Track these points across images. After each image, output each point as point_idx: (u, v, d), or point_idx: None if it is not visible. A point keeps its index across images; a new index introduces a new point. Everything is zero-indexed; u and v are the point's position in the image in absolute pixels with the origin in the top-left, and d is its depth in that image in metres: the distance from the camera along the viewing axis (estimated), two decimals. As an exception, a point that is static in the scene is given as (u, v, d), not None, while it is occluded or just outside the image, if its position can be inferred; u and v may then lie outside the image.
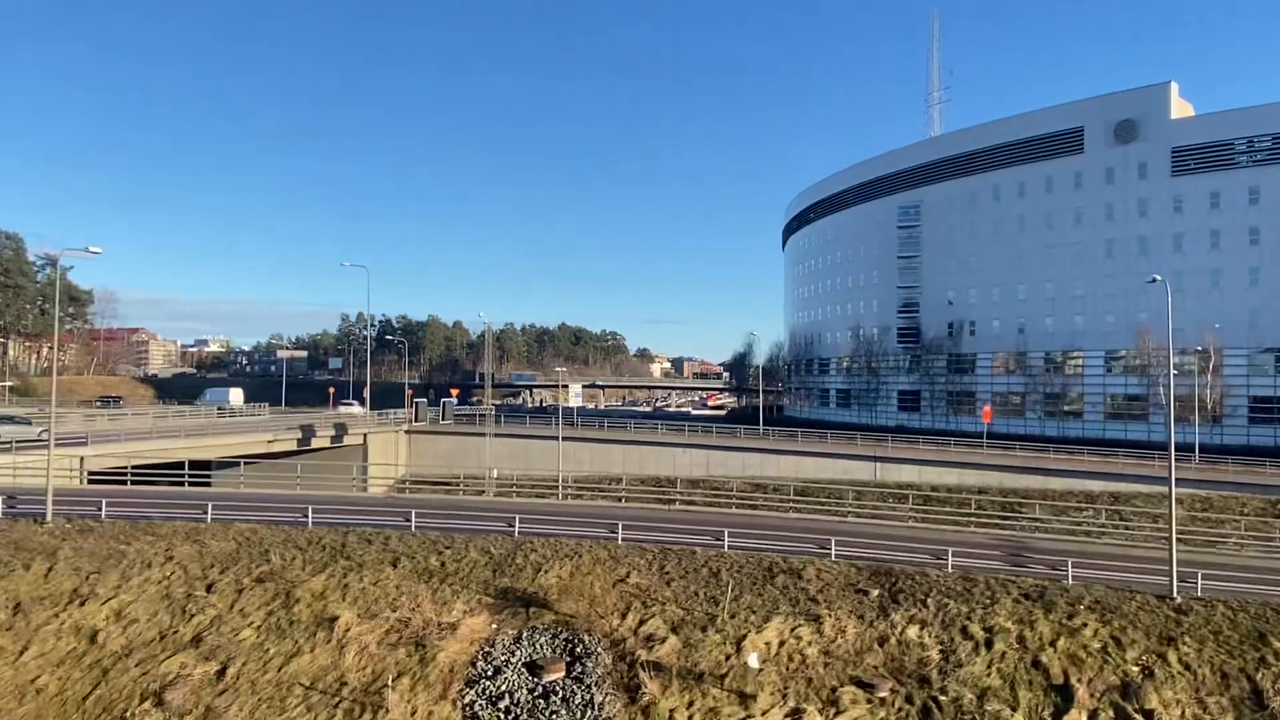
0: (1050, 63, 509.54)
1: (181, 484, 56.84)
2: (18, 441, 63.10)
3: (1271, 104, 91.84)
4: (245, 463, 65.30)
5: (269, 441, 70.59)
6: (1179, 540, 39.57)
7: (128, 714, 28.62)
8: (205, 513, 43.11)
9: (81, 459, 57.09)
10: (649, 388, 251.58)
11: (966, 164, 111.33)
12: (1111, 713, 28.51)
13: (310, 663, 31.02)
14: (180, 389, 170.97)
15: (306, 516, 42.84)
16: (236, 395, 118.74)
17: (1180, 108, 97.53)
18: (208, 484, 58.81)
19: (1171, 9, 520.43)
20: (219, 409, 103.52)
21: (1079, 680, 29.63)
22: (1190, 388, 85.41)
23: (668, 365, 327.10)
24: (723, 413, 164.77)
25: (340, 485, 66.76)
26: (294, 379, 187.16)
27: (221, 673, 30.34)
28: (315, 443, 72.79)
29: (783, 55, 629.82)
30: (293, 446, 71.01)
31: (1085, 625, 32.25)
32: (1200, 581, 36.18)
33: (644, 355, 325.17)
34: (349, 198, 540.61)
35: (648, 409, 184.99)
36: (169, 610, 33.43)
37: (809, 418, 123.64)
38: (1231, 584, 37.73)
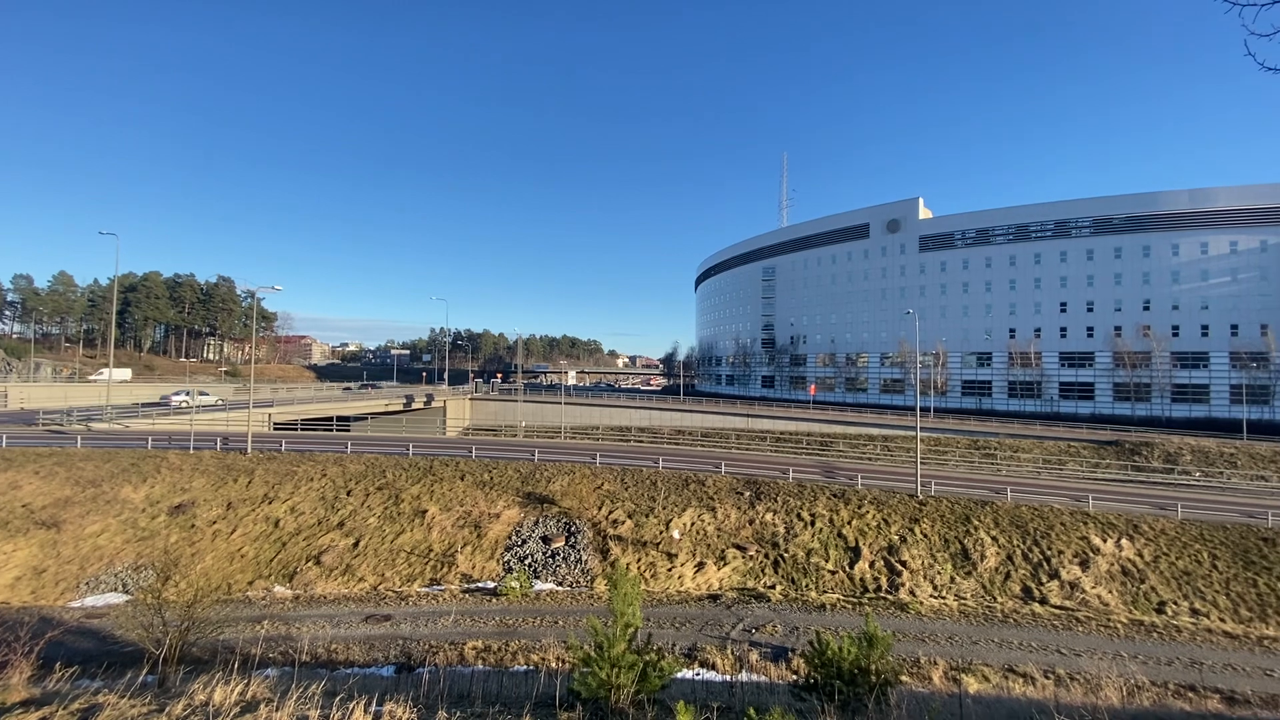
0: (852, 182, 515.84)
1: (331, 430, 57.95)
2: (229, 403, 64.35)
3: (971, 213, 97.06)
4: (371, 417, 66.18)
5: (385, 405, 71.19)
6: (922, 462, 41.50)
7: (297, 570, 29.97)
8: (346, 448, 44.09)
9: (269, 415, 57.76)
10: (615, 373, 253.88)
11: (803, 243, 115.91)
12: (882, 562, 30.52)
13: (410, 537, 32.49)
14: (331, 374, 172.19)
15: (408, 450, 43.85)
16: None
17: (924, 212, 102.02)
18: (347, 430, 59.79)
19: (927, 152, 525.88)
20: (346, 388, 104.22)
21: (864, 544, 31.53)
22: (928, 374, 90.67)
23: (627, 359, 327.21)
24: (659, 388, 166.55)
25: (429, 431, 67.67)
26: (401, 367, 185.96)
27: (356, 544, 31.74)
28: (414, 406, 73.35)
29: (688, 176, 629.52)
30: (399, 408, 71.67)
31: (868, 512, 33.76)
32: (933, 486, 37.85)
33: (613, 353, 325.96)
34: (432, 247, 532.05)
35: (615, 387, 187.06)
36: (323, 506, 34.62)
37: (711, 391, 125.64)
38: (950, 487, 39.20)
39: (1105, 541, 30.57)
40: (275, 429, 56.36)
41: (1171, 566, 29.10)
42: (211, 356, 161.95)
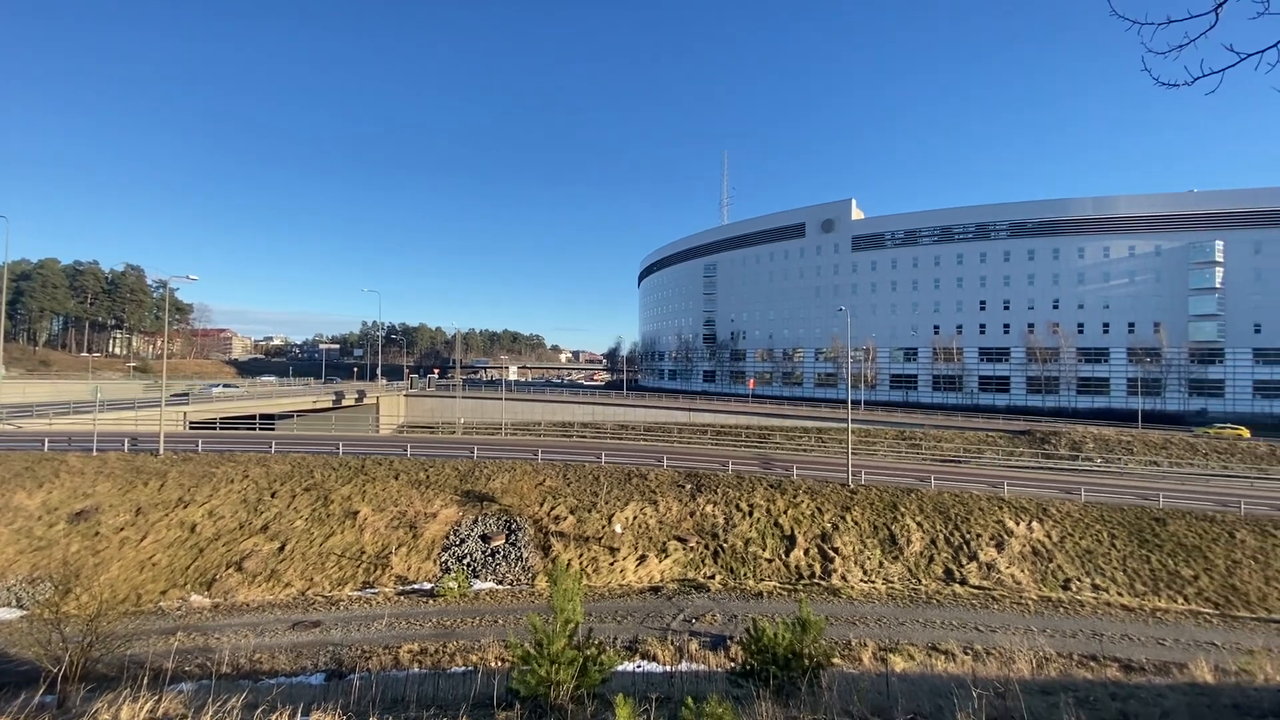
0: (791, 181, 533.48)
1: (254, 429, 54.88)
2: (138, 401, 59.55)
3: (900, 214, 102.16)
4: (297, 415, 63.06)
5: (313, 401, 67.92)
6: (853, 453, 43.23)
7: (217, 577, 28.30)
8: (270, 447, 41.98)
9: (184, 413, 53.98)
10: (558, 369, 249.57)
11: (743, 241, 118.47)
12: (816, 549, 31.67)
13: (341, 539, 31.23)
14: (254, 369, 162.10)
15: (338, 449, 42.27)
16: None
17: (856, 213, 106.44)
18: (272, 429, 56.77)
19: (862, 155, 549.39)
20: (276, 382, 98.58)
21: (799, 532, 32.62)
22: (859, 368, 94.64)
23: (570, 354, 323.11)
24: (603, 383, 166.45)
25: (361, 429, 65.05)
26: (330, 363, 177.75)
27: (282, 548, 30.25)
28: (345, 403, 70.26)
29: (631, 172, 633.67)
30: (329, 405, 68.50)
31: (803, 501, 34.87)
32: (863, 476, 39.54)
33: (556, 349, 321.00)
34: (374, 238, 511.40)
35: (558, 382, 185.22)
36: (245, 509, 32.78)
37: (654, 386, 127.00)
38: (879, 476, 40.88)
39: (1018, 524, 32.75)
40: (191, 428, 52.88)
41: (1076, 546, 31.49)
42: (119, 351, 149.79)
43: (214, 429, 52.47)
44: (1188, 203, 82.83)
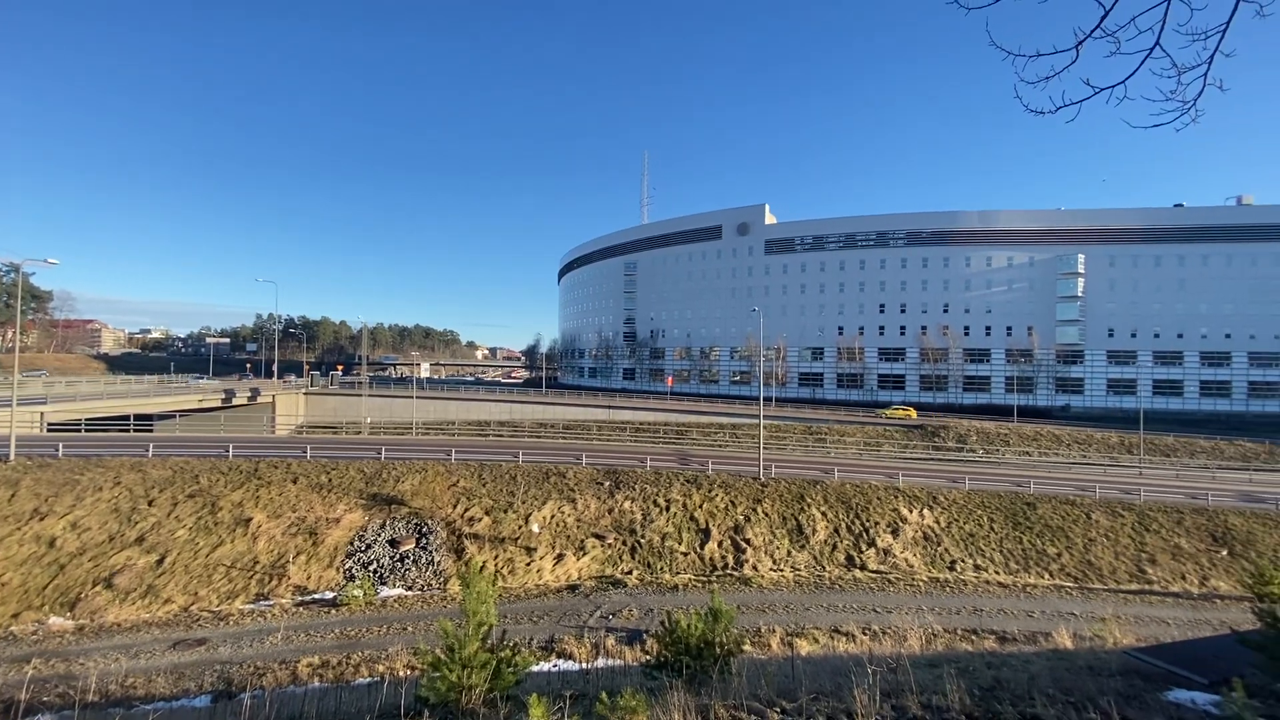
0: (709, 181, 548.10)
1: (128, 431, 49.62)
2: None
3: (809, 220, 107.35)
4: (180, 415, 57.55)
5: (199, 400, 62.17)
6: (764, 448, 45.02)
7: (82, 596, 25.46)
8: (147, 450, 38.12)
9: (42, 414, 47.82)
10: (474, 366, 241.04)
11: (663, 241, 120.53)
12: (729, 541, 32.66)
13: (231, 549, 28.94)
14: (127, 365, 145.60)
15: (228, 451, 38.98)
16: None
17: (769, 217, 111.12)
18: (150, 430, 51.54)
19: (779, 158, 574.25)
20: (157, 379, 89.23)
21: (714, 525, 33.49)
22: (771, 367, 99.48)
23: (487, 351, 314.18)
24: (521, 381, 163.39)
25: (254, 430, 60.33)
26: (219, 358, 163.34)
27: (161, 561, 27.61)
28: (236, 401, 64.75)
29: (560, 168, 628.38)
30: (218, 404, 62.94)
31: (717, 495, 35.80)
32: (774, 469, 41.03)
33: (472, 345, 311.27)
34: (268, 224, 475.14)
35: (474, 380, 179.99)
36: (117, 520, 29.61)
37: (574, 384, 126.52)
38: (788, 469, 42.55)
39: (911, 512, 35.26)
40: (51, 430, 47.11)
41: (961, 530, 34.31)
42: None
43: (79, 431, 47.02)
44: (1056, 219, 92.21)
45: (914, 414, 73.96)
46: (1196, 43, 4.02)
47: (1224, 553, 33.13)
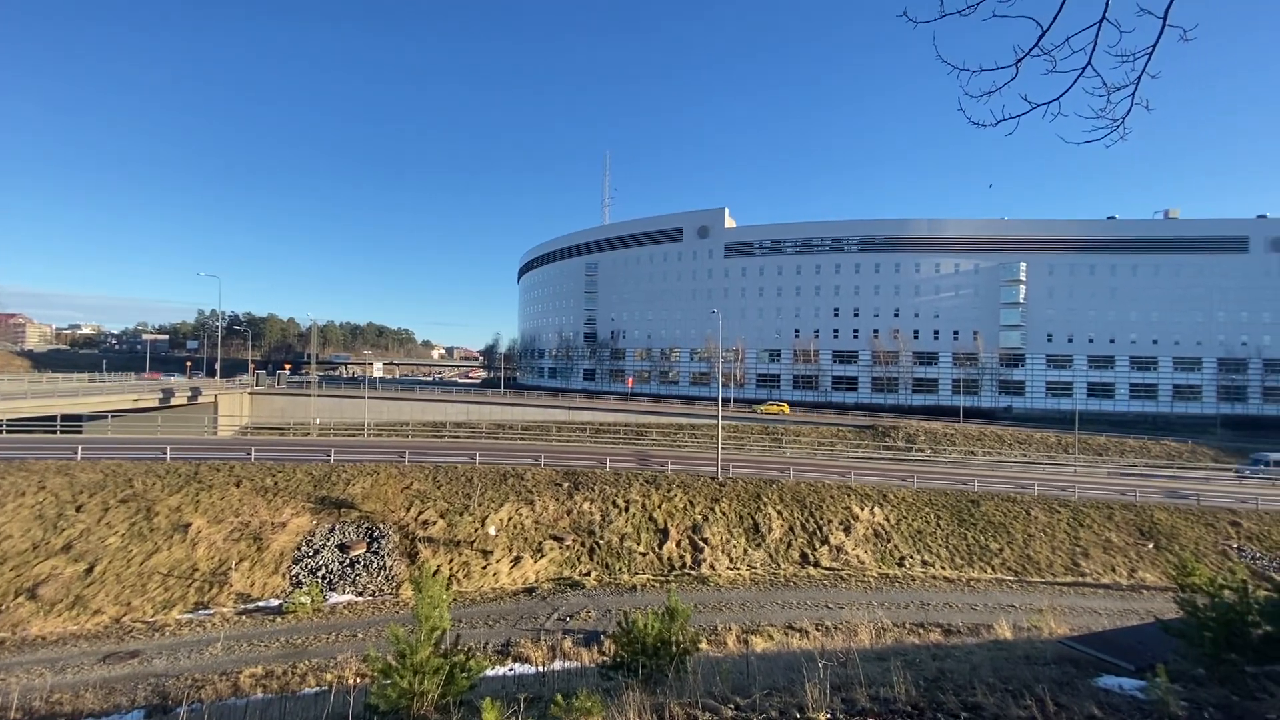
0: (671, 183, 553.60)
1: (55, 433, 46.66)
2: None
3: (767, 225, 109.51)
4: (113, 415, 54.43)
5: (134, 400, 58.92)
6: (723, 448, 45.49)
7: (2, 608, 23.84)
8: (76, 453, 35.88)
9: (-49, 416, 44.52)
10: (430, 365, 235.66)
11: (624, 242, 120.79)
12: (687, 540, 32.89)
13: (168, 557, 27.57)
14: (55, 362, 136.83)
15: (165, 453, 37.09)
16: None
17: (729, 221, 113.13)
18: (79, 432, 48.59)
19: (739, 162, 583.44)
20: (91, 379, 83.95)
21: (672, 525, 33.67)
22: (730, 368, 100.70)
23: (444, 351, 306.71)
24: (479, 381, 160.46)
25: (195, 431, 57.47)
26: (157, 356, 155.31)
27: (90, 570, 26.10)
28: (175, 401, 61.61)
29: (521, 165, 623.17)
30: (154, 403, 59.74)
31: (676, 495, 35.98)
32: (731, 469, 41.59)
33: (427, 344, 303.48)
34: (211, 217, 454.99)
35: (430, 380, 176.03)
36: (41, 527, 27.84)
37: (532, 384, 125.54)
38: (746, 469, 43.19)
39: (863, 510, 36.23)
40: (-36, 433, 43.85)
41: (909, 527, 35.43)
42: None
43: (-2, 433, 43.99)
44: (1000, 229, 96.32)
45: (787, 409, 75.88)
46: (1125, 64, 4.25)
47: (1150, 546, 35.19)
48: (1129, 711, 5.30)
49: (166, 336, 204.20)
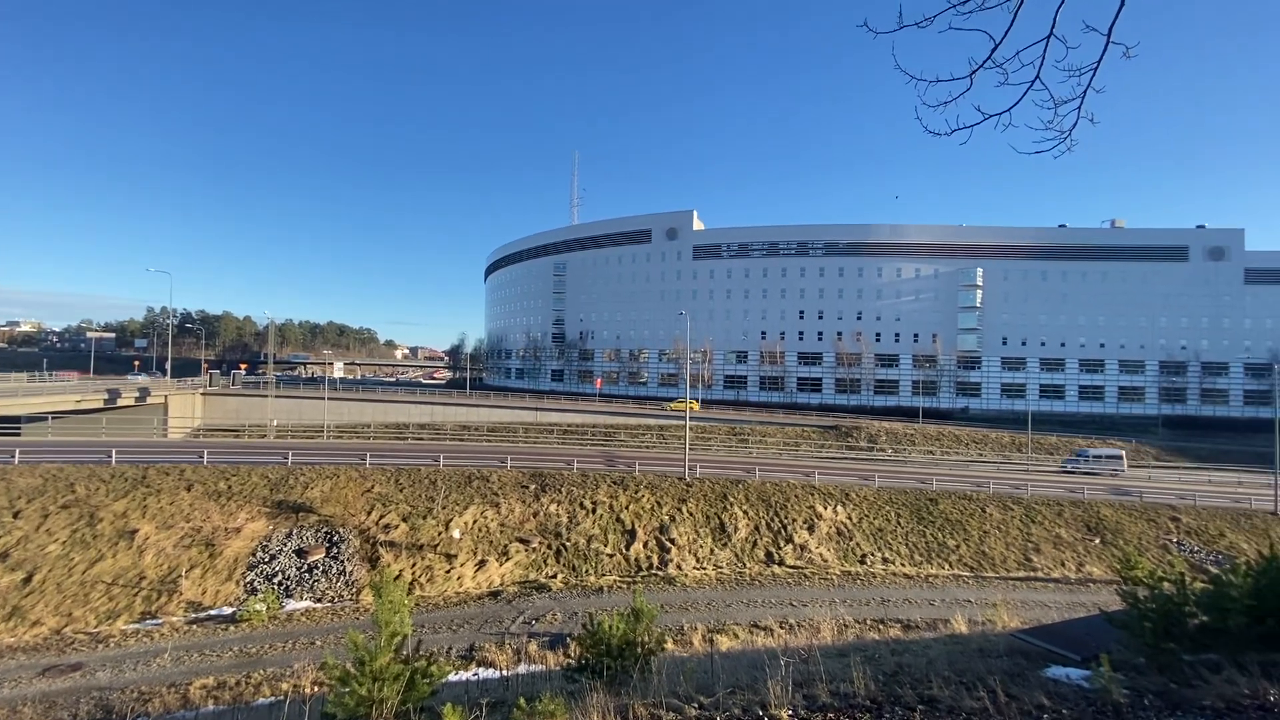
0: (638, 184, 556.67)
1: (-16, 436, 44.23)
2: None
3: (735, 228, 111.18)
4: (54, 417, 51.77)
5: (77, 401, 56.10)
6: (690, 448, 45.73)
7: (-72, 622, 22.46)
8: (13, 456, 33.93)
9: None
10: (393, 366, 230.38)
11: (593, 242, 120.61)
12: (655, 541, 32.94)
13: (113, 565, 26.38)
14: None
15: (110, 457, 35.38)
16: None
17: (697, 223, 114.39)
18: (17, 435, 46.07)
19: (705, 166, 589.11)
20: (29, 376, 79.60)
21: (640, 526, 33.69)
22: (698, 369, 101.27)
23: (407, 351, 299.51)
24: (444, 382, 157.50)
25: (143, 433, 54.96)
26: (103, 354, 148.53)
27: (28, 579, 24.80)
28: (121, 402, 58.82)
29: (487, 164, 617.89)
30: (99, 404, 56.99)
31: (643, 495, 36.01)
32: (698, 470, 41.81)
33: (390, 344, 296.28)
34: (161, 211, 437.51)
35: (393, 380, 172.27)
36: (-27, 536, 26.39)
37: (499, 385, 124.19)
38: (713, 469, 43.45)
39: (826, 509, 36.88)
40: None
41: (871, 525, 36.21)
42: None
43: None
44: (958, 235, 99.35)
45: (696, 406, 74.72)
46: (1072, 78, 4.43)
47: (1097, 541, 36.71)
48: (1075, 700, 5.51)
49: (113, 335, 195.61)
